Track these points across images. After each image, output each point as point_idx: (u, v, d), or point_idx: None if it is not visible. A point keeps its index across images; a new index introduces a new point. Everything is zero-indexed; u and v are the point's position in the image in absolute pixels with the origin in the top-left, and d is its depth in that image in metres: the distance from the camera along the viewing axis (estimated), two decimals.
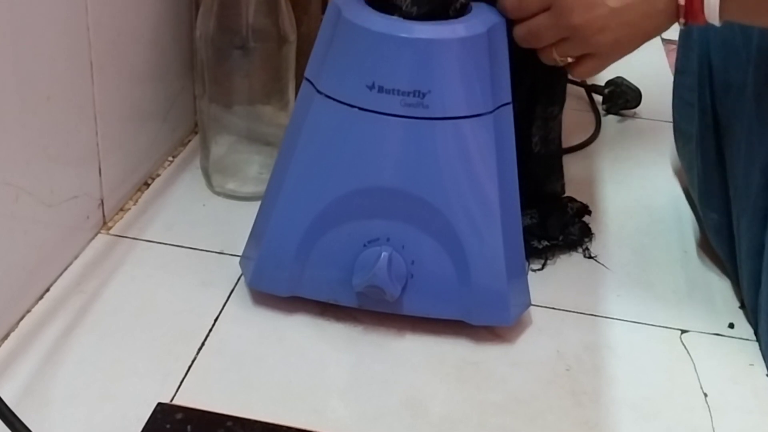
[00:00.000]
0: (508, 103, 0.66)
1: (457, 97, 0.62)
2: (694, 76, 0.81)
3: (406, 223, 0.64)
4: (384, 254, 0.63)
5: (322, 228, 0.65)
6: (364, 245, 0.65)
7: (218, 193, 0.84)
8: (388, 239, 0.64)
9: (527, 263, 0.74)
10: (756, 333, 0.70)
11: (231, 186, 0.84)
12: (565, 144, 0.76)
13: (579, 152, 0.97)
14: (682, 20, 0.60)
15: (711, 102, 0.78)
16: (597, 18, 0.60)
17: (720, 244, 0.77)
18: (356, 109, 0.62)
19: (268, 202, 0.69)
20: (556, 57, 0.65)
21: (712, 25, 0.61)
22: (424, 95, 0.61)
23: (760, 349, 0.69)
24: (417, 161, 0.63)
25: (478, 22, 0.64)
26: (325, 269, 0.66)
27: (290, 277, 0.67)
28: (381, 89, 0.61)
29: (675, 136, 0.90)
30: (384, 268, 0.63)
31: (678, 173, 0.94)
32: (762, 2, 0.60)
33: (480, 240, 0.64)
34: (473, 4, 0.66)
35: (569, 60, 0.65)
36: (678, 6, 0.60)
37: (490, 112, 0.64)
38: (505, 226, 0.65)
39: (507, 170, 0.66)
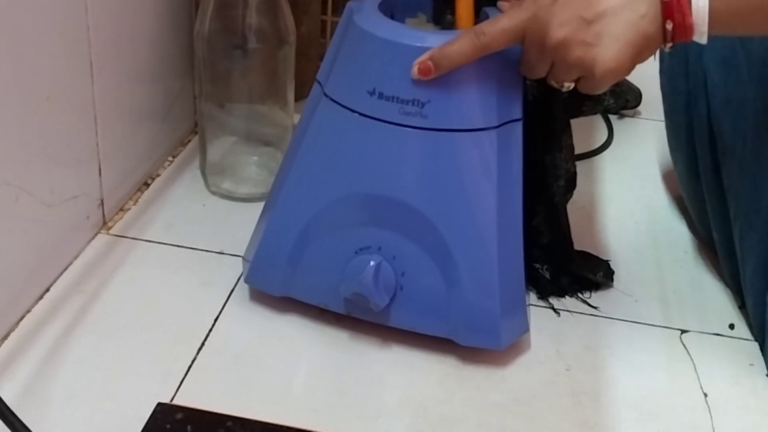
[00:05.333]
0: (517, 120, 0.64)
1: (457, 110, 0.61)
2: (683, 97, 0.80)
3: (399, 234, 0.63)
4: (372, 263, 0.62)
5: (316, 231, 0.65)
6: (356, 252, 0.64)
7: (214, 193, 0.84)
8: (379, 248, 0.64)
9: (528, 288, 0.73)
10: (762, 350, 0.70)
11: (227, 186, 0.84)
12: (577, 149, 0.74)
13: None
14: (668, 24, 0.56)
15: (708, 122, 0.76)
16: (571, 33, 0.57)
17: (724, 261, 0.77)
18: (357, 115, 0.62)
19: (270, 200, 0.69)
20: (555, 85, 0.61)
21: (695, 42, 0.58)
22: (423, 105, 0.60)
23: (766, 363, 0.69)
24: (412, 171, 0.62)
25: None
26: (316, 273, 0.66)
27: (283, 277, 0.67)
28: (381, 96, 0.61)
29: (671, 156, 0.89)
30: (370, 277, 0.62)
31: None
32: (753, 10, 0.57)
33: (473, 258, 0.63)
34: (491, 15, 0.64)
35: (567, 85, 0.61)
36: (663, 4, 0.57)
37: (494, 127, 0.62)
38: (502, 247, 0.63)
39: (510, 189, 0.64)
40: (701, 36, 0.57)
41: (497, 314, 0.64)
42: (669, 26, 0.57)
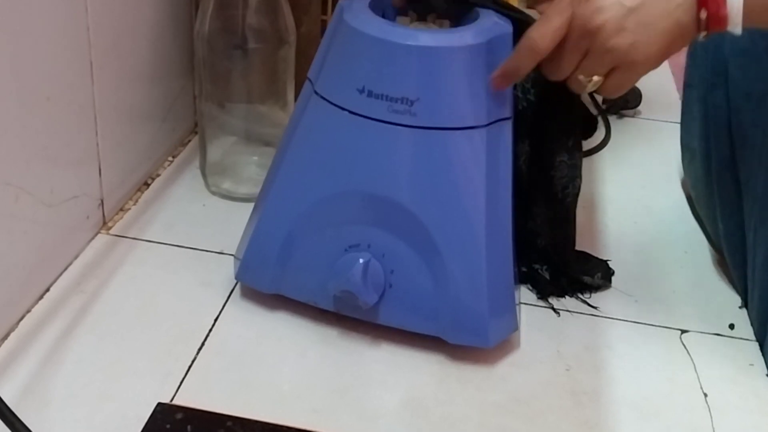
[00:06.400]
0: (506, 119, 0.64)
1: (446, 108, 0.61)
2: (703, 87, 0.80)
3: (388, 232, 0.63)
4: (361, 260, 0.62)
5: (306, 229, 0.65)
6: (345, 250, 0.64)
7: (214, 193, 0.84)
8: (369, 246, 0.64)
9: (518, 286, 0.72)
10: (761, 346, 0.70)
11: (227, 186, 0.84)
12: None
13: None
14: (703, 13, 0.57)
15: (726, 112, 0.76)
16: (612, 19, 0.58)
17: (729, 255, 0.77)
18: (346, 112, 0.62)
19: (261, 197, 0.69)
20: (583, 80, 0.61)
21: (729, 33, 0.58)
22: (412, 103, 0.60)
23: (766, 363, 0.69)
24: (401, 169, 0.62)
25: (479, 32, 0.62)
26: (306, 270, 0.66)
27: (273, 274, 0.67)
28: (370, 94, 0.61)
29: (682, 152, 0.88)
30: (358, 274, 0.62)
31: (678, 174, 0.94)
32: None
33: (461, 256, 0.63)
34: (482, 14, 0.65)
35: (596, 79, 0.61)
36: None
37: (483, 125, 0.62)
38: (490, 245, 0.63)
39: (498, 187, 0.64)
40: (735, 27, 0.57)
41: (485, 312, 0.64)
42: (703, 15, 0.57)
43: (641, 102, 1.09)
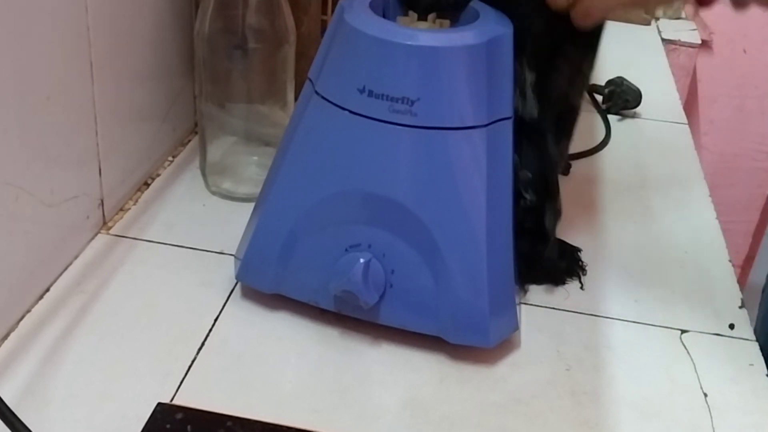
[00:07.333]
0: (507, 118, 0.64)
1: (447, 108, 0.61)
2: None
3: (389, 231, 0.63)
4: (361, 260, 0.62)
5: (307, 228, 0.65)
6: (346, 249, 0.64)
7: (214, 193, 0.84)
8: (369, 246, 0.64)
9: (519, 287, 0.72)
10: None
11: (227, 186, 0.84)
12: (576, 148, 0.73)
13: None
14: None
15: None
16: None
17: None
18: (347, 112, 0.62)
19: (261, 197, 0.69)
20: None
21: None
22: (412, 102, 0.60)
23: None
24: (402, 169, 0.62)
25: (479, 32, 0.62)
26: (306, 270, 0.66)
27: (274, 274, 0.67)
28: (371, 93, 0.61)
29: None
30: (359, 274, 0.62)
31: (676, 174, 0.94)
32: None
33: (462, 256, 0.63)
34: (482, 13, 0.65)
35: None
36: None
37: (484, 125, 0.62)
38: (491, 244, 0.63)
39: (500, 187, 0.64)
40: None
41: (486, 312, 0.64)
42: None
43: (641, 102, 1.09)
